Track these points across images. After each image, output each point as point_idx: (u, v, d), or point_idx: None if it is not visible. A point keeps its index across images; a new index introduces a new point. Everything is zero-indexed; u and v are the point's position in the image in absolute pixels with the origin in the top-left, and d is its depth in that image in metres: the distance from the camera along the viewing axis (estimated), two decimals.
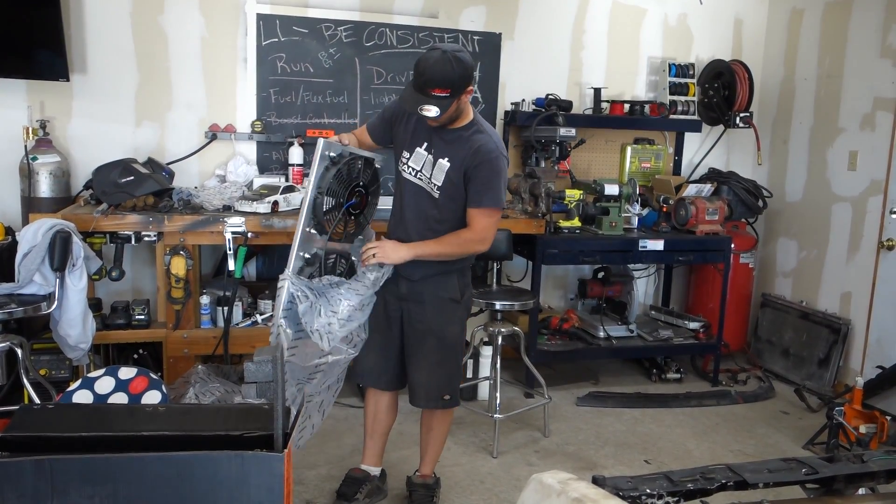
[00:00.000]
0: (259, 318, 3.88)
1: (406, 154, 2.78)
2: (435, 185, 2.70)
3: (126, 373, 3.07)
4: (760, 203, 4.87)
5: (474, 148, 2.64)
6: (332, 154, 2.71)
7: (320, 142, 2.68)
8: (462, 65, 2.53)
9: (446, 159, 2.67)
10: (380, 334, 2.87)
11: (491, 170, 2.65)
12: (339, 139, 2.78)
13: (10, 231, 3.64)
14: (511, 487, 3.23)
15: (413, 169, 2.75)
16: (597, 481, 1.58)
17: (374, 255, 2.68)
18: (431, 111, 2.54)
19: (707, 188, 4.66)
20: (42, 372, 3.41)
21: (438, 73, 2.50)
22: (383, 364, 2.88)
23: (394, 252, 2.68)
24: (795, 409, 4.29)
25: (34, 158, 3.73)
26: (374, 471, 3.07)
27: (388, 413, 3.01)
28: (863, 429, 3.53)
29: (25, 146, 3.77)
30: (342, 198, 2.76)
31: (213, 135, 4.19)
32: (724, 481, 1.67)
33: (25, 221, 3.58)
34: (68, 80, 3.85)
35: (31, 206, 3.69)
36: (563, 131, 4.24)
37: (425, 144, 2.72)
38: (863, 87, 4.43)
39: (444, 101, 2.53)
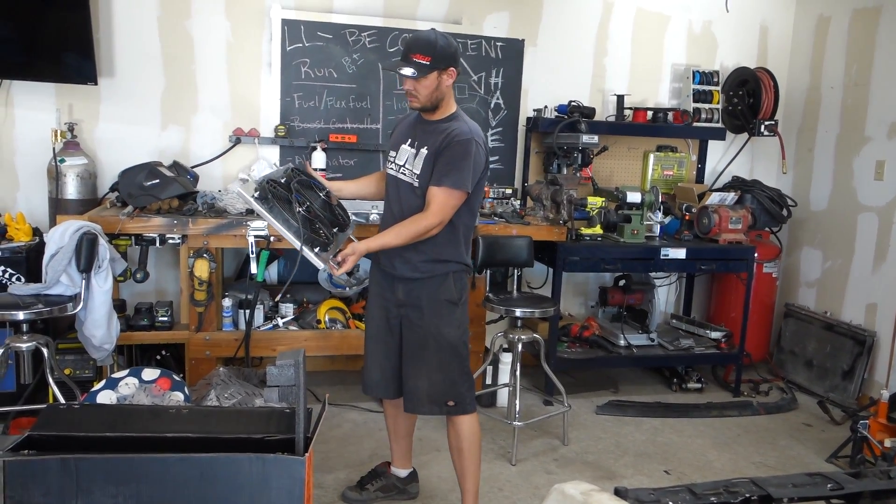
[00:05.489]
0: (280, 321, 3.91)
1: (392, 153, 2.83)
2: (416, 174, 2.70)
3: (149, 374, 3.11)
4: (784, 212, 4.81)
5: (446, 133, 2.66)
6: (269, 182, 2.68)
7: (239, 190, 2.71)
8: (447, 41, 2.63)
9: (425, 148, 2.69)
10: (382, 344, 2.84)
11: (458, 150, 2.62)
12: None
13: (37, 232, 3.71)
14: (530, 496, 3.21)
15: (398, 165, 2.78)
16: (619, 493, 1.57)
17: (338, 265, 2.62)
18: (407, 71, 2.58)
19: (730, 196, 4.61)
20: (67, 371, 3.46)
21: (423, 39, 2.60)
22: (389, 373, 2.85)
23: (354, 255, 2.63)
24: (819, 421, 4.23)
25: (62, 160, 3.79)
26: (401, 472, 3.08)
27: (406, 416, 3.00)
28: (888, 442, 3.46)
29: (53, 148, 3.84)
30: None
31: (237, 139, 4.23)
32: (748, 495, 1.65)
33: (53, 223, 3.63)
34: (96, 83, 3.91)
35: (59, 207, 3.75)
36: (585, 138, 4.23)
37: (409, 140, 2.76)
38: (891, 95, 4.37)
39: (422, 66, 2.58)
